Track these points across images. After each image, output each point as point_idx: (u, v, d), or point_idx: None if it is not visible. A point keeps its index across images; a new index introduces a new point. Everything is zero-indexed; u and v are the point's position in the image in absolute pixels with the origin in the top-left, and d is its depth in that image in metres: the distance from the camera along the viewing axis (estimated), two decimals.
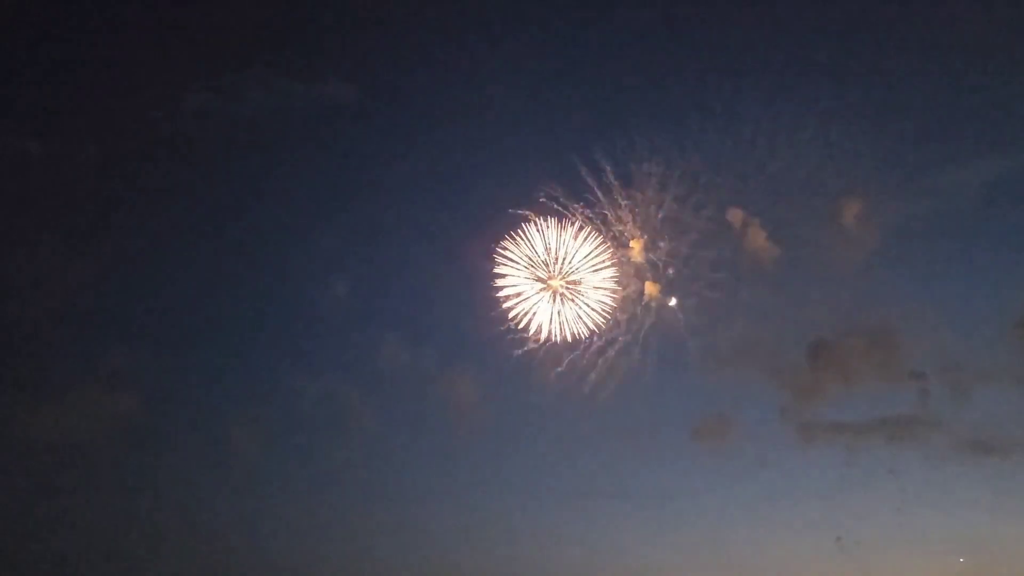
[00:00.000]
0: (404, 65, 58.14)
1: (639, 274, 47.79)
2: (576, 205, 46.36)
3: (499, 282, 47.76)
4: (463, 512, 58.50)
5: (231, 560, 55.34)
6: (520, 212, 46.63)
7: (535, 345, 47.81)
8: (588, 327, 48.58)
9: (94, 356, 56.45)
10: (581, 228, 47.65)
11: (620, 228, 46.51)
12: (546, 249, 47.66)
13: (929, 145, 53.97)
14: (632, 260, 47.00)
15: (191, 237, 59.01)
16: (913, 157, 52.50)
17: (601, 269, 48.26)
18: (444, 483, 58.95)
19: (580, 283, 48.37)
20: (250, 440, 57.41)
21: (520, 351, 47.86)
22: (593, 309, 48.42)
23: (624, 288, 47.90)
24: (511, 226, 47.86)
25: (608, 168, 45.86)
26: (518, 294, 48.02)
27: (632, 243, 46.43)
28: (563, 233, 47.75)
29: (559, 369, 48.35)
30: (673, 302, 47.95)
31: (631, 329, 48.04)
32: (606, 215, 46.78)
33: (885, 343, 51.56)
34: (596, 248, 47.87)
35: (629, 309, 47.93)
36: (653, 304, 48.33)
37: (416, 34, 58.14)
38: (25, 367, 55.00)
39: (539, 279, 47.97)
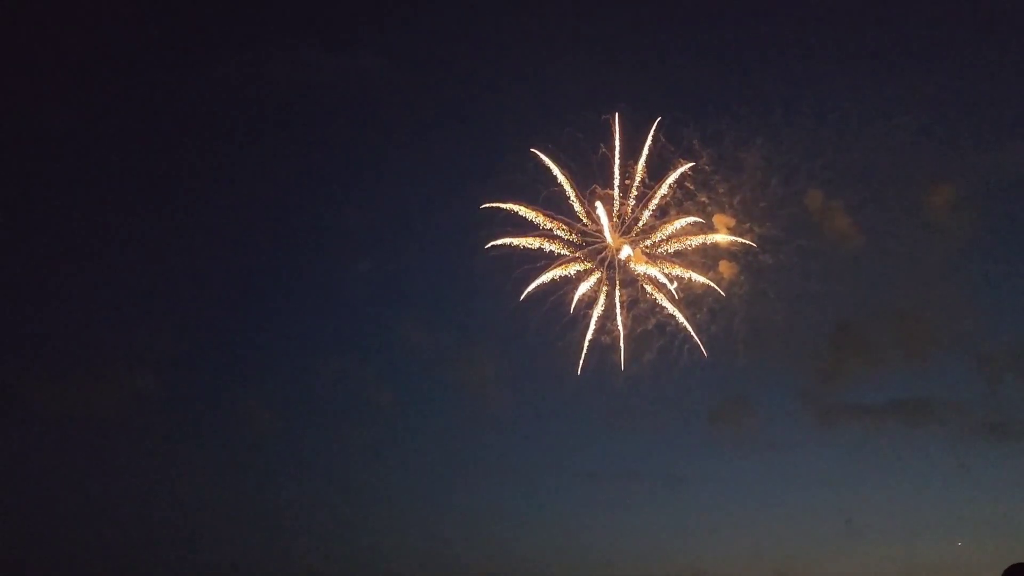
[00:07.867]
0: (435, 36, 56.48)
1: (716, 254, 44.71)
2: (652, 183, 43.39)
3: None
4: (477, 492, 58.54)
5: (245, 537, 55.19)
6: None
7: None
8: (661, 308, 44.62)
9: (115, 333, 55.68)
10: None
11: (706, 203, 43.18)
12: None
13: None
14: (713, 240, 43.69)
15: (214, 212, 58.12)
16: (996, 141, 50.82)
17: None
18: (460, 464, 58.85)
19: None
20: (267, 418, 57.07)
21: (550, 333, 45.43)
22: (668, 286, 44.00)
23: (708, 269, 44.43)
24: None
25: (695, 144, 42.91)
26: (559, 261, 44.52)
27: (716, 219, 43.83)
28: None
29: (587, 340, 45.88)
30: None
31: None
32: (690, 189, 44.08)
33: (913, 325, 51.44)
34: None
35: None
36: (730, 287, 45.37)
37: (449, 3, 56.65)
38: (47, 343, 54.40)
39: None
